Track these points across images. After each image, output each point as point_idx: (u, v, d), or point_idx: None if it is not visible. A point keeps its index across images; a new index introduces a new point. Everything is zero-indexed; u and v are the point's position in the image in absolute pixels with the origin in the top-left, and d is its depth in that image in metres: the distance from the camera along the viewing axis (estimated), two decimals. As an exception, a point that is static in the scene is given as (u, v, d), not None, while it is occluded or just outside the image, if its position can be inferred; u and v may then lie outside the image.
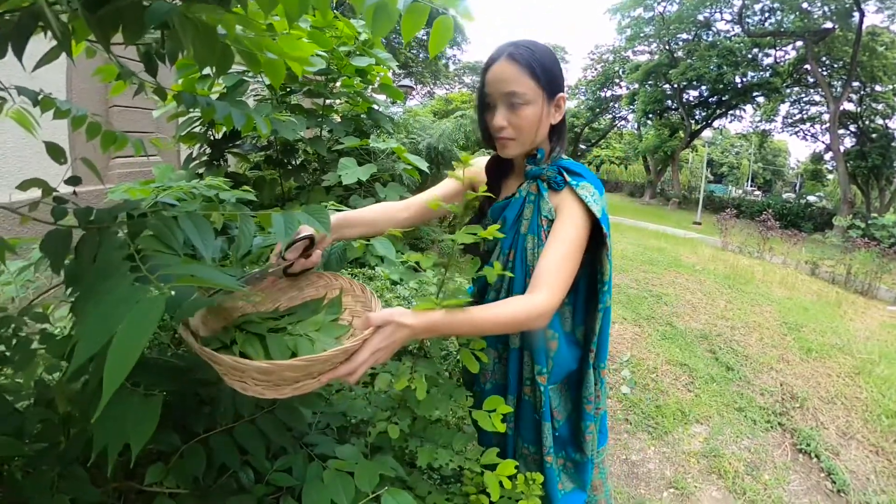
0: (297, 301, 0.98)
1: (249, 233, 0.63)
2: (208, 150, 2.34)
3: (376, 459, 0.90)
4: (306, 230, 0.95)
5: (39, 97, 0.78)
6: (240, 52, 0.63)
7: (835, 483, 2.48)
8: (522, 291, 1.06)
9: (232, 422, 0.78)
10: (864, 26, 16.80)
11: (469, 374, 1.23)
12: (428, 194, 1.22)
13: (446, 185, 1.20)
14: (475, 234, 0.91)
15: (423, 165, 2.29)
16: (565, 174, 1.04)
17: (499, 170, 1.15)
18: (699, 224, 16.56)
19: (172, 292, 0.42)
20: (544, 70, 0.97)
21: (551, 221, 1.03)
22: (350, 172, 1.86)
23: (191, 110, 2.31)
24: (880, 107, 19.93)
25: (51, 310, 1.08)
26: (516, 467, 0.97)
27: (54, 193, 0.67)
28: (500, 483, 0.95)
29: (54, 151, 0.70)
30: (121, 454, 0.92)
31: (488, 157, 1.17)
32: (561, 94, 1.02)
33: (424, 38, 24.67)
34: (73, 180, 0.70)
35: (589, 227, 1.00)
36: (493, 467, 0.95)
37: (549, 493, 1.10)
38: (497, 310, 0.90)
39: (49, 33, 0.57)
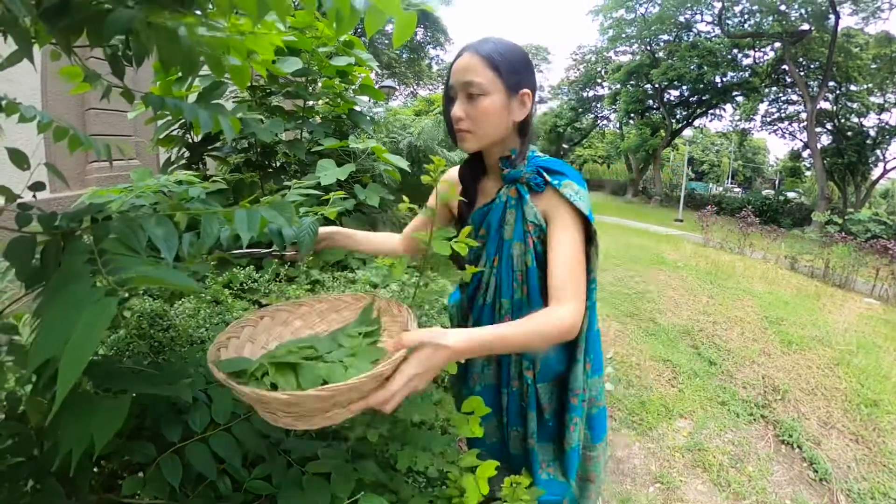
0: (335, 325, 0.99)
1: (213, 230, 0.63)
2: (187, 154, 2.30)
3: (357, 464, 0.89)
4: None
5: (3, 102, 0.75)
6: (204, 56, 0.62)
7: (817, 472, 2.53)
8: (511, 296, 1.07)
9: (207, 430, 0.76)
10: (839, 28, 17.20)
11: (457, 376, 1.22)
12: (410, 227, 1.24)
13: (423, 216, 1.18)
14: (448, 241, 0.91)
15: (404, 164, 2.28)
16: (545, 174, 1.01)
17: (472, 174, 1.13)
18: (681, 221, 16.78)
19: (126, 294, 0.41)
20: (505, 62, 0.95)
21: (538, 226, 1.01)
22: (329, 174, 1.84)
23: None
24: (855, 106, 20.43)
25: (23, 320, 1.05)
26: (498, 467, 0.96)
27: (18, 200, 0.65)
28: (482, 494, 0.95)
29: (17, 158, 0.68)
30: (96, 466, 0.90)
31: (457, 168, 1.16)
32: (525, 91, 0.99)
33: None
34: (37, 186, 0.68)
35: (582, 226, 0.99)
36: (473, 469, 0.95)
37: (532, 476, 1.12)
38: (527, 327, 0.87)
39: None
